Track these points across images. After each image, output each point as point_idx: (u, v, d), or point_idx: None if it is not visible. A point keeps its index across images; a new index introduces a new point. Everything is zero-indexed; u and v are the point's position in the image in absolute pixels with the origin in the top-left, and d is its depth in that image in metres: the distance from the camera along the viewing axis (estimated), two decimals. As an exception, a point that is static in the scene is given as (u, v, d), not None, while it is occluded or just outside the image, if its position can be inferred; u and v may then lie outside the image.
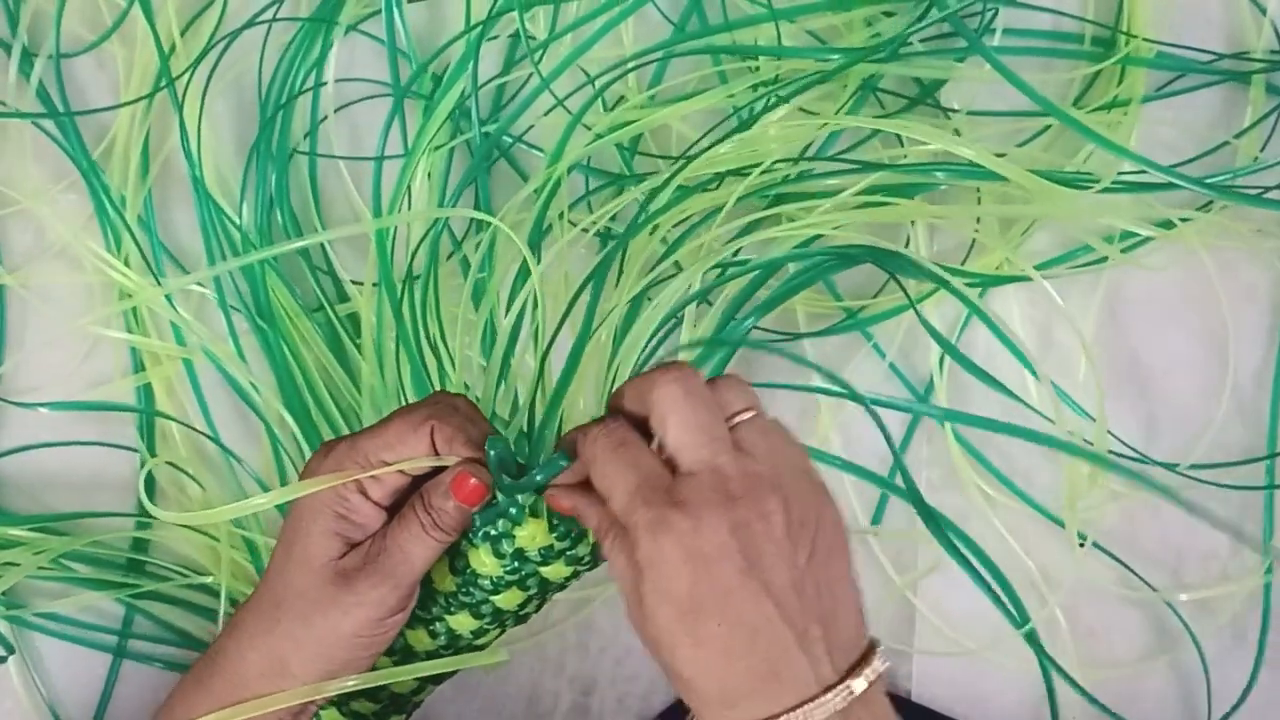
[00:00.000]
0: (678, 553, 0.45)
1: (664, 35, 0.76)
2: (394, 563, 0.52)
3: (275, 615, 0.52)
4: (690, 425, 0.48)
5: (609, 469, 0.48)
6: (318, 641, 0.52)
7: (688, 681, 0.46)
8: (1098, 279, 0.76)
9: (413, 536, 0.52)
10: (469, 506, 0.52)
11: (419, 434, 0.52)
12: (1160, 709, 0.75)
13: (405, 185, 0.70)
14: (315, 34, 0.75)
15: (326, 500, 0.52)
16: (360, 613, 0.51)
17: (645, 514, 0.46)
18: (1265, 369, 0.77)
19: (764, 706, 0.45)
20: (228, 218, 0.74)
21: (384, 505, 0.53)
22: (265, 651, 0.52)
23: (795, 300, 0.75)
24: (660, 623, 0.46)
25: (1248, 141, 0.77)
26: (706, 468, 0.47)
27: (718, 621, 0.45)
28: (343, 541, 0.52)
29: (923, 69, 0.73)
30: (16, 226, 0.76)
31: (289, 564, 0.53)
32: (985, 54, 0.64)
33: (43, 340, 0.76)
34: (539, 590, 0.57)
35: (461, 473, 0.52)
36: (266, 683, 0.52)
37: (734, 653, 0.45)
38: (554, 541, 0.55)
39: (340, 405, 0.72)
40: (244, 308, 0.73)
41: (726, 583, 0.46)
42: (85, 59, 0.76)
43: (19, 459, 0.75)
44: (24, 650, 0.73)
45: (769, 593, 0.46)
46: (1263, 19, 0.78)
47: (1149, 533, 0.76)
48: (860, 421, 0.77)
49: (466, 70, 0.69)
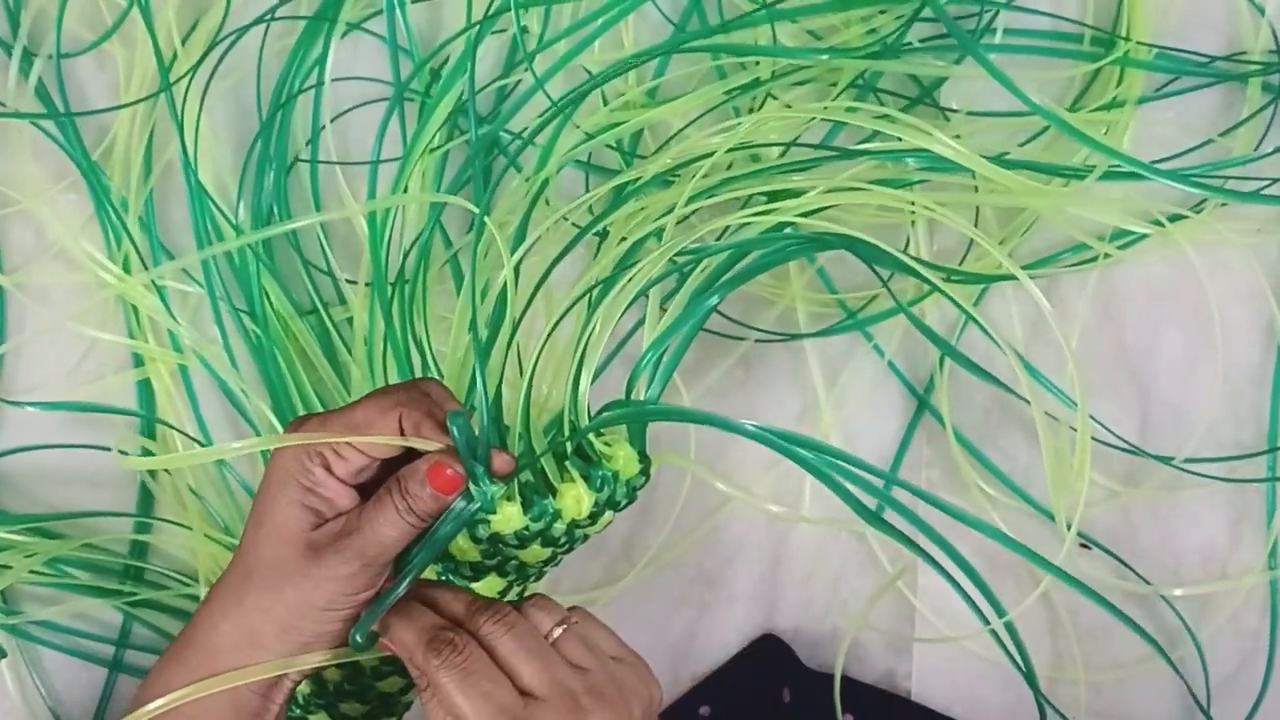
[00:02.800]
0: None
1: (663, 35, 0.76)
2: (365, 541, 0.52)
3: (245, 587, 0.52)
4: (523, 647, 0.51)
5: (463, 701, 0.49)
6: (287, 612, 0.52)
7: None
8: (1094, 276, 0.76)
9: (386, 519, 0.52)
10: (444, 495, 0.52)
11: (387, 417, 0.52)
12: (1160, 707, 0.75)
13: (404, 182, 0.70)
14: (316, 34, 0.75)
15: (292, 471, 0.52)
16: (330, 586, 0.51)
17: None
18: (1259, 364, 0.77)
19: None
20: (223, 214, 0.74)
21: (351, 484, 0.53)
22: (236, 623, 0.52)
23: (796, 300, 0.75)
24: None
25: (1244, 140, 0.77)
26: (554, 688, 0.50)
27: None
28: (311, 514, 0.52)
29: (919, 68, 0.73)
30: (16, 227, 0.76)
31: (259, 536, 0.53)
32: (978, 56, 0.64)
33: (41, 340, 0.76)
34: (518, 575, 0.58)
35: (438, 462, 0.52)
36: (238, 654, 0.52)
37: None
38: (529, 523, 0.55)
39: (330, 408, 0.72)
40: (232, 310, 0.73)
41: None
42: (86, 59, 0.76)
43: (17, 459, 0.75)
44: (23, 656, 0.73)
45: None
46: (1261, 20, 0.78)
47: (1148, 532, 0.76)
48: (860, 420, 0.77)
49: (464, 71, 0.69)
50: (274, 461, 0.53)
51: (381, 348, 0.69)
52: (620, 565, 0.75)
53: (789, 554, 0.76)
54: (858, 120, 0.67)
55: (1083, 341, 0.76)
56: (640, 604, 0.75)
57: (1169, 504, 0.76)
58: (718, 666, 0.76)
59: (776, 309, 0.76)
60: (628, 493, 0.58)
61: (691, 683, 0.76)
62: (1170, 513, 0.76)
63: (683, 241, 0.58)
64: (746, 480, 0.76)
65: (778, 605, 0.76)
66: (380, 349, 0.69)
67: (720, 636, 0.76)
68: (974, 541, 0.75)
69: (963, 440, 0.75)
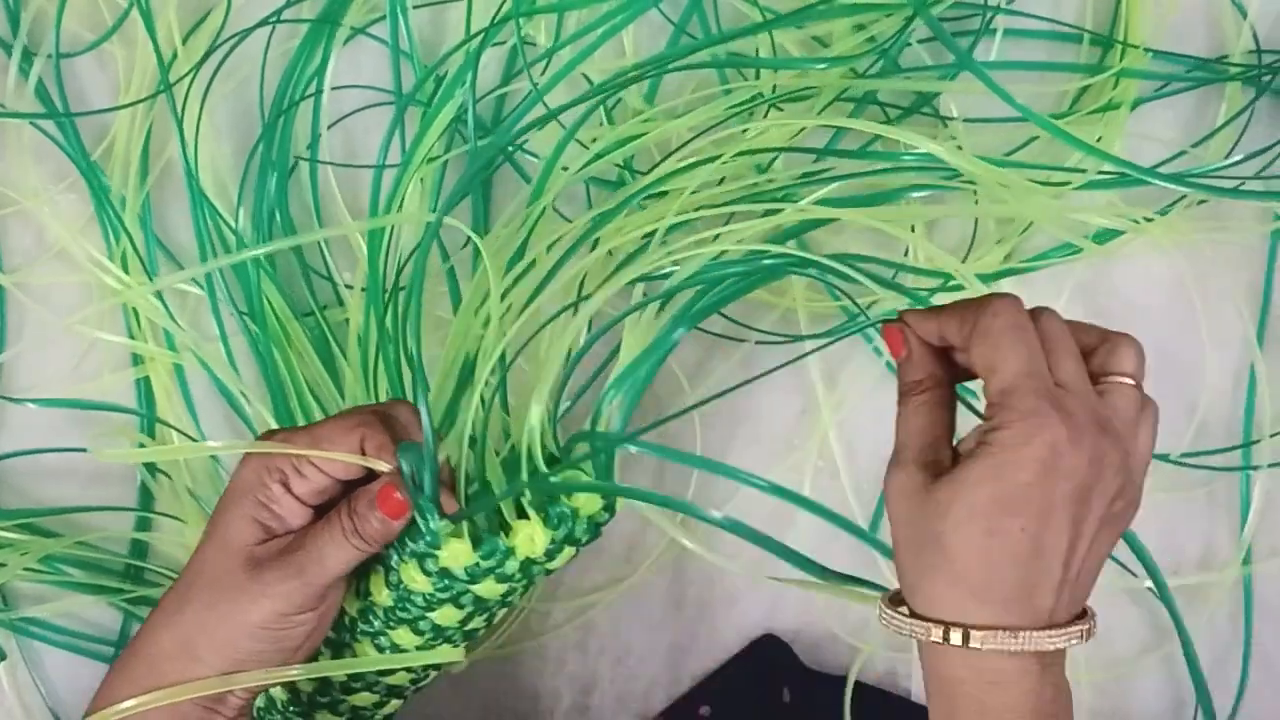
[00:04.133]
0: (1039, 450, 0.46)
1: (663, 38, 0.76)
2: (308, 560, 0.51)
3: (187, 597, 0.52)
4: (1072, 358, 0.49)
5: (1005, 344, 0.48)
6: (222, 627, 0.51)
7: (951, 557, 0.47)
8: (1082, 274, 0.77)
9: (332, 539, 0.52)
10: (392, 520, 0.52)
11: (350, 437, 0.52)
12: (1159, 703, 0.75)
13: (402, 194, 0.70)
14: (318, 38, 0.75)
15: (251, 485, 0.52)
16: (266, 604, 0.51)
17: (1029, 401, 0.47)
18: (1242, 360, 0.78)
19: (1006, 616, 0.47)
20: (223, 220, 0.74)
21: (309, 504, 0.53)
22: (175, 633, 0.51)
23: (797, 302, 0.75)
24: (972, 499, 0.47)
25: (1228, 139, 0.78)
26: (1086, 392, 0.48)
27: (1022, 526, 0.46)
28: (261, 530, 0.52)
29: (915, 84, 0.74)
30: (16, 227, 0.76)
31: (207, 547, 0.52)
32: (972, 67, 0.65)
33: (40, 340, 0.75)
34: (477, 608, 0.57)
35: (388, 485, 0.52)
36: (176, 665, 0.51)
37: (1016, 559, 0.46)
38: (479, 560, 0.54)
39: (328, 413, 0.72)
40: (235, 312, 0.73)
41: (1055, 499, 0.46)
42: (86, 59, 0.76)
43: (17, 464, 0.75)
44: (23, 656, 0.73)
45: (1073, 529, 0.47)
46: (1243, 22, 0.79)
47: (1147, 529, 0.76)
48: (861, 419, 0.77)
49: (465, 80, 0.69)
50: (235, 474, 0.53)
51: (374, 353, 0.68)
52: (622, 567, 0.76)
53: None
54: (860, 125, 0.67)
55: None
56: (641, 604, 0.76)
57: (1167, 500, 0.76)
58: (718, 666, 0.76)
59: (778, 310, 0.76)
60: (590, 529, 0.57)
61: (691, 683, 0.76)
62: (1170, 509, 0.76)
63: (636, 271, 0.58)
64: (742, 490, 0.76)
65: (778, 605, 0.76)
66: (374, 354, 0.69)
67: (720, 636, 0.76)
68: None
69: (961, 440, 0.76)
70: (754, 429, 0.76)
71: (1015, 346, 0.48)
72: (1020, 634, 0.46)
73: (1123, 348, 0.50)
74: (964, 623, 0.47)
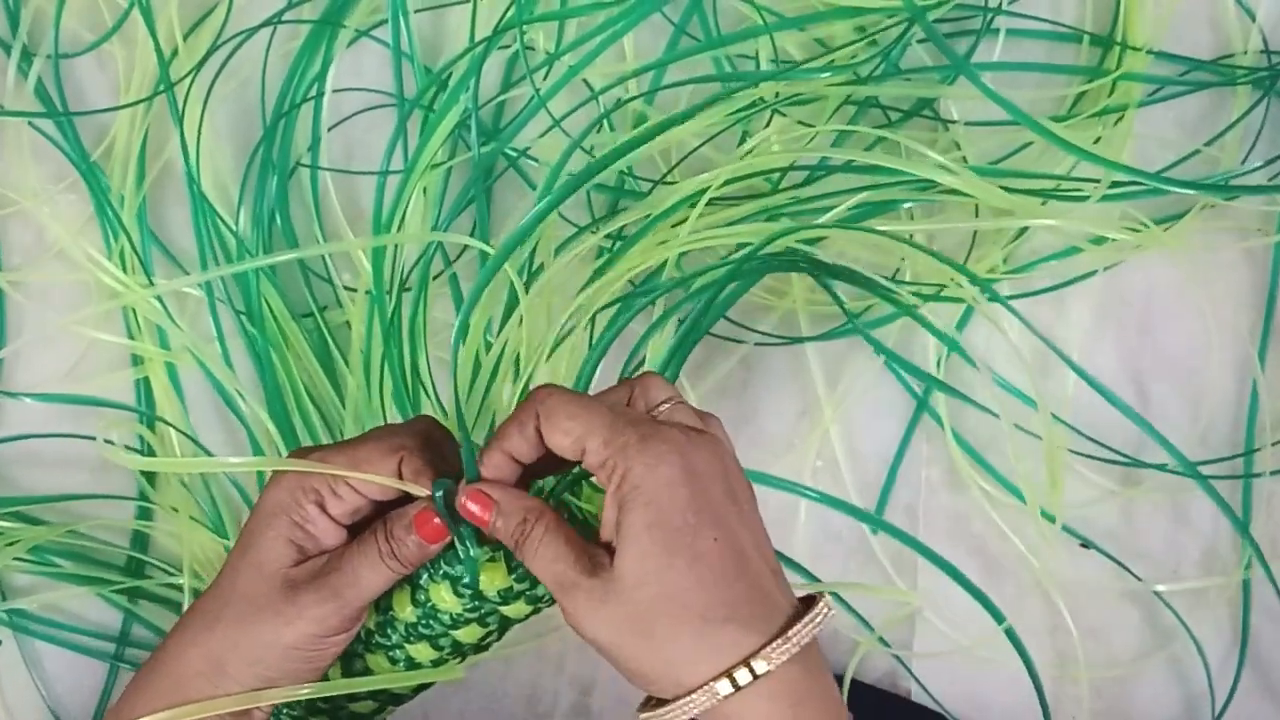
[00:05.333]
0: (673, 466, 0.47)
1: (663, 39, 0.76)
2: (344, 583, 0.51)
3: (218, 615, 0.51)
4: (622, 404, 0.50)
5: (575, 410, 0.48)
6: (255, 648, 0.51)
7: (681, 607, 0.46)
8: (1088, 280, 0.77)
9: (368, 561, 0.51)
10: (428, 544, 0.52)
11: (388, 460, 0.51)
12: (1161, 705, 0.75)
13: (405, 203, 0.69)
14: (320, 39, 0.75)
15: (284, 505, 0.51)
16: (300, 626, 0.50)
17: (632, 434, 0.47)
18: (1247, 365, 0.78)
19: (762, 627, 0.47)
20: (224, 223, 0.74)
21: (343, 524, 0.53)
22: (205, 651, 0.51)
23: (797, 303, 0.75)
24: (653, 544, 0.46)
25: (1234, 142, 0.78)
26: (665, 416, 0.49)
27: (714, 536, 0.46)
28: (296, 550, 0.52)
29: (913, 89, 0.74)
30: (15, 226, 0.76)
31: (240, 565, 0.52)
32: (969, 74, 0.65)
33: (40, 340, 0.75)
34: (499, 626, 0.57)
35: (426, 510, 0.51)
36: (204, 683, 0.51)
37: (731, 568, 0.46)
38: (513, 584, 0.54)
39: (325, 416, 0.72)
40: (233, 313, 0.73)
41: (716, 501, 0.47)
42: (86, 60, 0.76)
43: (14, 457, 0.74)
44: (21, 653, 0.73)
45: (746, 521, 0.48)
46: (1251, 25, 0.79)
47: (1148, 531, 0.76)
48: (861, 418, 0.77)
49: (467, 87, 0.69)
50: (268, 492, 0.52)
51: (379, 360, 0.68)
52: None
53: (789, 553, 0.76)
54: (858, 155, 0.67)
55: (1081, 344, 0.77)
56: (642, 605, 0.75)
57: (1168, 504, 0.76)
58: (718, 666, 0.76)
59: (778, 310, 0.76)
60: None
61: (692, 683, 0.76)
62: (1171, 512, 0.76)
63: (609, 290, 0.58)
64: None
65: (778, 605, 0.76)
66: (377, 361, 0.69)
67: (721, 637, 0.76)
68: (973, 542, 0.76)
69: (961, 440, 0.76)
70: (754, 429, 0.76)
71: (584, 405, 0.48)
72: (787, 636, 0.46)
73: (650, 382, 0.51)
74: (733, 662, 0.46)
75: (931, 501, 0.76)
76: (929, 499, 0.76)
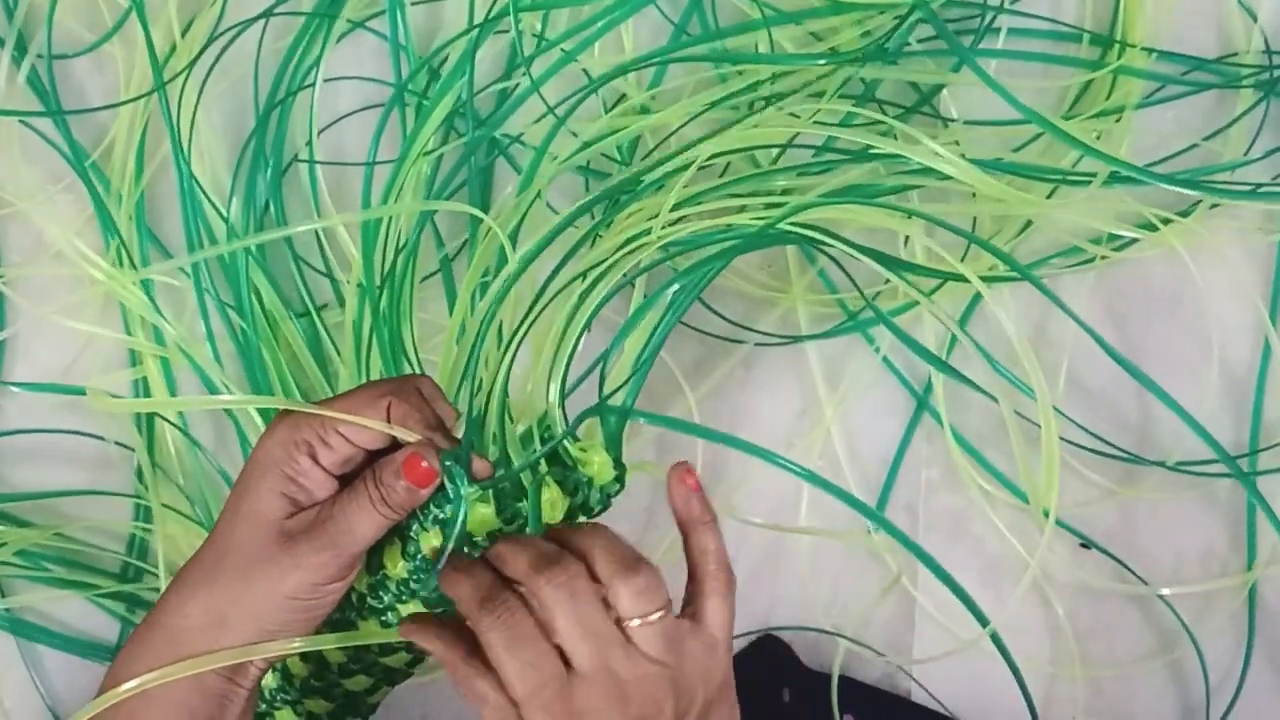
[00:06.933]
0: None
1: (663, 34, 0.76)
2: (338, 531, 0.52)
3: (217, 569, 0.52)
4: (578, 625, 0.49)
5: (507, 664, 0.49)
6: (255, 599, 0.51)
7: None
8: (1090, 276, 0.77)
9: (360, 508, 0.52)
10: (418, 488, 0.52)
11: (376, 407, 0.53)
12: (1161, 705, 0.75)
13: (399, 186, 0.70)
14: (314, 31, 0.75)
15: (277, 458, 0.52)
16: (298, 575, 0.51)
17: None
18: (1251, 363, 0.78)
19: None
20: (217, 210, 0.74)
21: (334, 474, 0.53)
22: (204, 605, 0.52)
23: (797, 301, 0.75)
24: None
25: (1236, 140, 0.78)
26: (600, 671, 0.49)
27: None
28: (289, 502, 0.52)
29: (916, 74, 0.73)
30: (14, 226, 0.76)
31: (236, 519, 0.53)
32: (972, 65, 0.65)
33: (37, 338, 0.76)
34: None
35: (413, 454, 0.52)
36: (204, 637, 0.51)
37: None
38: (502, 526, 0.55)
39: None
40: (219, 305, 0.73)
41: None
42: (84, 61, 0.76)
43: (14, 456, 0.75)
44: (22, 655, 0.73)
45: None
46: (1253, 25, 0.78)
47: (1148, 532, 0.76)
48: (862, 418, 0.77)
49: (462, 74, 0.69)
50: (260, 446, 0.53)
51: (367, 348, 0.68)
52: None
53: (789, 553, 0.76)
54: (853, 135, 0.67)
55: (1081, 341, 0.77)
56: (641, 605, 0.75)
57: (1168, 504, 0.76)
58: (718, 666, 0.76)
59: (778, 310, 0.76)
60: (601, 499, 0.58)
61: (691, 683, 0.76)
62: (1171, 512, 0.76)
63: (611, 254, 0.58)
64: (747, 479, 0.76)
65: (778, 605, 0.76)
66: (366, 349, 0.69)
67: (720, 637, 0.76)
68: (972, 543, 0.76)
69: (961, 440, 0.76)
70: (754, 429, 0.76)
71: (514, 666, 0.48)
72: None
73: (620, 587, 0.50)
74: None
75: (932, 501, 0.76)
76: (929, 499, 0.76)
